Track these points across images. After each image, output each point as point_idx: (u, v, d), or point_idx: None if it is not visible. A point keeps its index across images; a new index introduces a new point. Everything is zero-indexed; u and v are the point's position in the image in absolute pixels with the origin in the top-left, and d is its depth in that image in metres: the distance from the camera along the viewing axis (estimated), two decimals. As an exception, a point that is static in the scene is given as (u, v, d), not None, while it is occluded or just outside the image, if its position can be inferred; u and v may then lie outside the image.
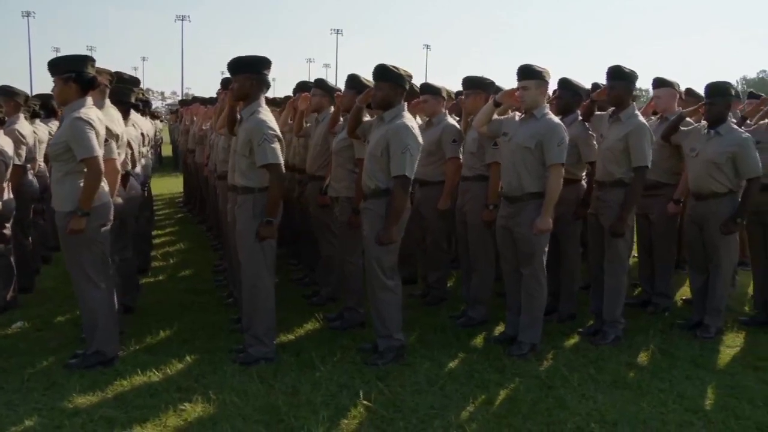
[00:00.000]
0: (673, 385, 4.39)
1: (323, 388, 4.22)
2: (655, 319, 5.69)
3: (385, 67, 4.53)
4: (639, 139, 4.86)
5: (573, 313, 5.56)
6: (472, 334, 5.19)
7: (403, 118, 4.47)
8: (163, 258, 7.53)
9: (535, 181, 4.64)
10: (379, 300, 4.58)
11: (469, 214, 5.36)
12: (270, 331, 4.63)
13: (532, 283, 4.76)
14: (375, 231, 4.49)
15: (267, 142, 4.33)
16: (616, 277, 5.07)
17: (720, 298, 5.30)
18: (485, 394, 4.19)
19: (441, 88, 5.77)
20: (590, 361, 4.75)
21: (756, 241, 5.62)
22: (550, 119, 4.63)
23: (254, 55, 4.52)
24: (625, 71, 4.96)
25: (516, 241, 4.75)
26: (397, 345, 4.64)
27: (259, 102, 4.48)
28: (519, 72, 4.68)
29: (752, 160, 5.08)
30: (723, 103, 5.16)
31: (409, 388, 4.24)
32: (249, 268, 4.53)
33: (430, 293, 5.98)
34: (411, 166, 4.38)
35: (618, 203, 4.95)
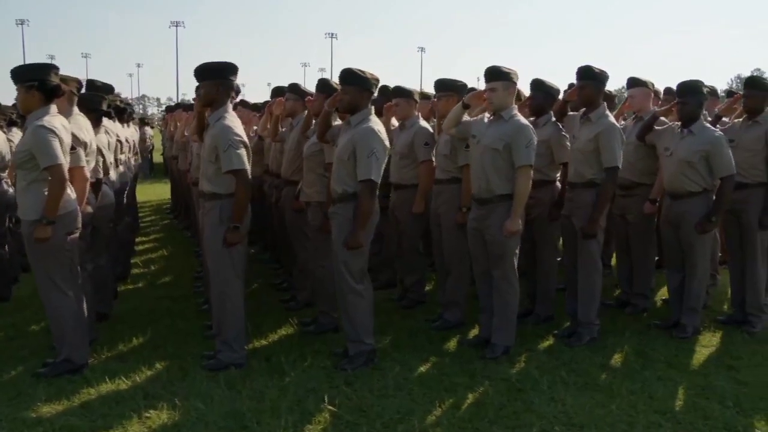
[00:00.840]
0: (645, 386, 4.36)
1: (290, 393, 4.20)
2: (633, 319, 5.67)
3: (351, 71, 4.52)
4: (609, 139, 4.85)
5: (550, 315, 5.54)
6: (446, 338, 5.17)
7: (369, 122, 4.46)
8: (144, 265, 7.53)
9: (505, 183, 4.62)
10: (349, 304, 4.57)
11: (443, 216, 5.35)
12: (240, 337, 4.61)
13: (504, 285, 4.74)
14: (343, 235, 4.48)
15: (232, 148, 4.32)
16: (589, 279, 5.05)
17: (696, 297, 5.27)
18: (453, 398, 4.17)
19: (413, 91, 5.77)
20: (563, 363, 4.72)
21: (732, 239, 5.59)
22: (518, 120, 4.61)
23: (220, 61, 4.52)
24: (594, 71, 4.95)
25: (486, 243, 4.73)
26: (368, 349, 4.62)
27: (226, 108, 4.48)
28: (486, 73, 4.66)
29: (725, 159, 5.06)
30: (695, 102, 5.13)
31: (376, 392, 4.22)
32: (217, 274, 4.52)
33: (407, 297, 5.97)
34: (377, 170, 4.37)
35: (590, 204, 4.94)
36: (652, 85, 5.82)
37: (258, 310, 5.82)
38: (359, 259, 4.53)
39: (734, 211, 5.46)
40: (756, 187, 5.35)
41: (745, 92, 5.43)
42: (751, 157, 5.34)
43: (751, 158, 5.34)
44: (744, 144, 5.38)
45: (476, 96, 4.84)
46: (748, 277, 5.44)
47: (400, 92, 5.74)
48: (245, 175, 4.37)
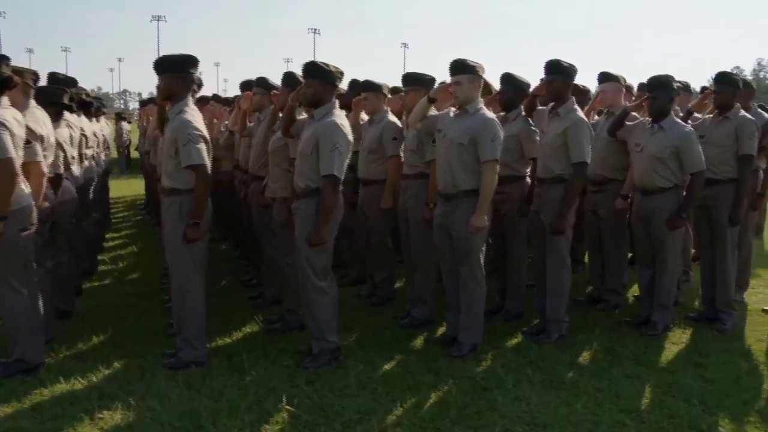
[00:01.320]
0: (612, 384, 4.31)
1: (250, 392, 4.11)
2: (604, 316, 5.63)
3: (314, 64, 4.44)
4: (577, 134, 4.78)
5: (520, 312, 5.48)
6: (413, 335, 5.10)
7: (333, 116, 4.37)
8: (112, 261, 7.39)
9: (470, 178, 4.55)
10: (312, 301, 4.48)
11: (410, 212, 5.27)
12: (201, 335, 4.52)
13: (470, 282, 4.67)
14: (306, 231, 4.39)
15: (192, 142, 4.22)
16: (558, 275, 4.99)
17: (667, 294, 5.23)
18: (416, 397, 4.09)
19: (382, 85, 5.68)
20: (530, 361, 4.66)
21: (703, 236, 5.55)
22: (484, 114, 4.54)
23: (181, 53, 4.42)
24: (563, 65, 4.88)
25: (452, 239, 4.66)
26: (331, 347, 4.54)
27: (186, 102, 4.37)
28: (452, 67, 4.58)
29: (695, 154, 5.01)
30: (665, 97, 5.07)
31: (338, 391, 4.14)
32: (177, 271, 4.43)
33: (375, 293, 5.89)
34: (340, 165, 4.28)
35: (558, 200, 4.88)
36: (623, 80, 5.75)
37: (225, 307, 5.73)
38: (322, 256, 4.44)
39: (705, 207, 5.43)
40: (726, 183, 5.31)
41: (714, 88, 5.39)
42: (721, 153, 5.30)
43: (722, 154, 5.30)
44: (714, 140, 5.33)
45: (442, 90, 4.77)
46: (718, 273, 5.40)
47: (369, 86, 5.65)
48: (205, 171, 4.28)
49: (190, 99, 4.42)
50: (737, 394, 4.22)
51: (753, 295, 6.37)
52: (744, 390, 4.28)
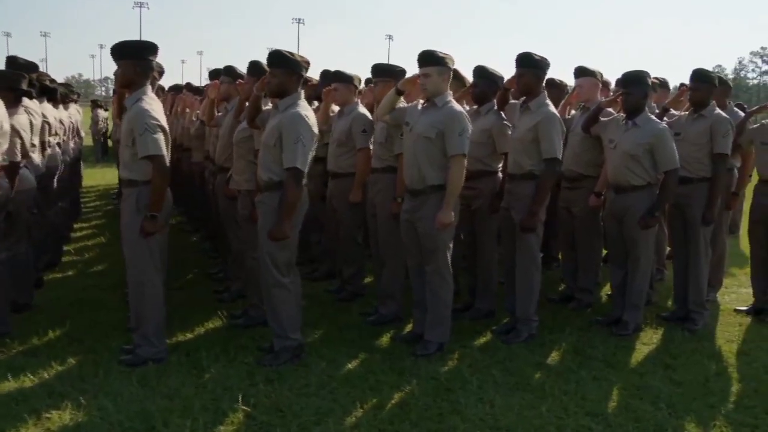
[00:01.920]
0: (579, 386, 4.22)
1: (207, 391, 3.99)
2: (576, 315, 5.54)
3: (279, 53, 4.30)
4: (548, 129, 4.68)
5: (491, 310, 5.38)
6: (379, 333, 4.99)
7: (297, 107, 4.23)
8: (78, 252, 7.21)
9: (437, 172, 4.43)
10: (274, 297, 4.36)
11: (378, 206, 5.15)
12: (159, 331, 4.39)
13: (436, 280, 4.56)
14: (269, 226, 4.26)
15: (148, 132, 4.08)
16: (527, 273, 4.89)
17: (638, 294, 5.15)
18: (377, 397, 3.99)
19: (353, 76, 5.54)
20: (497, 361, 4.56)
21: (677, 235, 5.48)
22: (452, 108, 4.41)
23: (139, 40, 4.27)
24: (534, 58, 4.77)
25: (419, 235, 4.55)
26: (294, 345, 4.42)
27: (144, 90, 4.23)
28: (420, 58, 4.46)
29: (669, 152, 4.92)
30: (639, 93, 4.98)
31: (297, 390, 4.03)
32: (134, 265, 4.29)
33: (345, 289, 5.77)
34: (303, 157, 4.15)
35: (528, 196, 4.77)
36: (600, 75, 5.66)
37: (189, 302, 5.62)
38: (285, 251, 4.31)
39: (678, 206, 5.35)
40: (700, 181, 5.23)
41: (690, 85, 5.29)
42: (695, 151, 5.22)
43: (696, 152, 5.22)
44: (689, 138, 5.25)
45: (410, 81, 4.64)
46: (691, 273, 5.33)
47: (340, 77, 5.52)
48: (162, 161, 4.13)
49: (149, 87, 4.27)
50: (705, 397, 4.15)
51: (726, 294, 6.31)
52: (712, 393, 4.21)
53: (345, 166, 5.47)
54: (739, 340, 5.16)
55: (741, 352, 4.92)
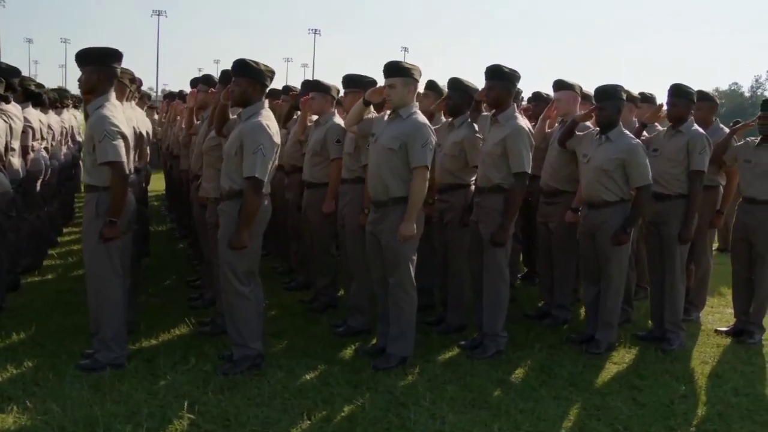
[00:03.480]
0: (537, 405, 4.14)
1: (158, 397, 3.98)
2: (551, 332, 5.45)
3: (242, 62, 4.30)
4: (516, 143, 4.62)
5: (462, 325, 5.31)
6: (345, 345, 4.94)
7: (260, 117, 4.23)
8: (61, 257, 7.24)
9: (401, 184, 4.39)
10: (233, 307, 4.34)
11: (347, 218, 5.12)
12: (119, 336, 4.39)
13: (399, 293, 4.51)
14: (228, 234, 4.26)
15: (108, 138, 4.10)
16: (494, 288, 4.82)
17: (611, 312, 5.05)
18: (327, 409, 3.95)
19: (331, 86, 5.54)
20: (459, 376, 4.49)
21: (653, 253, 5.38)
22: (416, 119, 4.38)
23: (103, 46, 4.30)
24: (504, 71, 4.72)
25: (382, 248, 4.51)
26: (253, 354, 4.40)
27: (107, 97, 4.25)
28: (385, 69, 4.44)
29: (641, 168, 4.84)
30: (613, 108, 4.91)
31: (249, 400, 4.01)
32: (93, 270, 4.31)
33: (318, 299, 5.74)
34: (263, 167, 4.14)
35: (496, 210, 4.72)
36: (579, 89, 5.59)
37: (162, 308, 5.63)
38: (244, 260, 4.30)
39: (655, 224, 5.26)
40: (677, 198, 5.13)
41: (668, 100, 5.20)
42: (672, 167, 5.13)
43: (673, 169, 5.13)
44: (666, 154, 5.17)
45: (377, 92, 4.62)
46: (667, 292, 5.22)
47: (317, 86, 5.51)
48: (121, 168, 4.15)
49: (113, 94, 4.29)
50: (665, 420, 4.05)
51: (710, 314, 6.19)
52: (674, 415, 4.11)
53: (319, 176, 5.46)
54: (714, 361, 5.03)
55: (714, 374, 4.80)
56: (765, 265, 5.32)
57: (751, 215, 5.35)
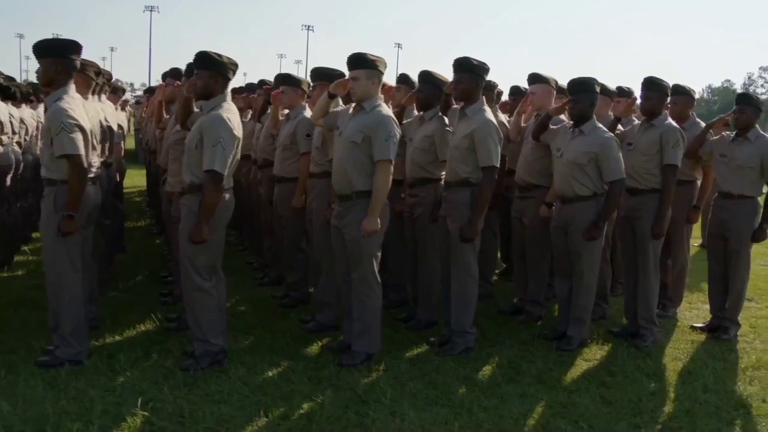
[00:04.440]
0: (501, 403, 4.07)
1: (115, 394, 3.92)
2: (523, 329, 5.38)
3: (204, 55, 4.23)
4: (484, 136, 4.54)
5: (433, 321, 5.24)
6: (311, 341, 4.88)
7: (220, 109, 4.16)
8: (34, 252, 7.16)
9: (364, 178, 4.32)
10: (193, 302, 4.28)
11: (314, 212, 5.06)
12: (78, 332, 4.32)
13: (363, 289, 4.44)
14: (188, 228, 4.19)
15: (65, 131, 4.03)
16: (462, 284, 4.75)
17: (583, 308, 4.98)
18: (285, 406, 3.88)
19: (301, 79, 5.47)
20: (424, 373, 4.42)
21: (627, 248, 5.30)
22: (379, 112, 4.30)
23: (62, 38, 4.23)
24: (472, 63, 4.63)
25: (345, 242, 4.44)
26: (215, 350, 4.33)
27: (66, 89, 4.18)
28: (349, 61, 4.36)
29: (614, 162, 4.77)
30: (586, 101, 4.84)
31: (207, 396, 3.94)
32: (52, 266, 4.24)
33: (289, 295, 5.68)
34: (222, 160, 4.07)
35: (464, 205, 4.64)
36: (555, 82, 5.51)
37: (131, 303, 5.57)
38: (205, 255, 4.23)
39: (628, 219, 5.20)
40: (650, 193, 5.06)
41: (641, 94, 5.13)
42: (645, 161, 5.06)
43: (646, 163, 5.06)
44: (640, 148, 5.10)
45: (341, 85, 4.54)
46: (640, 288, 5.15)
47: (287, 80, 5.44)
48: (79, 161, 4.08)
49: (72, 86, 4.22)
50: (631, 417, 3.98)
51: (689, 310, 6.12)
52: (641, 413, 4.05)
53: (290, 171, 5.39)
54: (687, 358, 4.96)
55: (685, 370, 4.73)
56: (739, 261, 5.25)
57: (725, 210, 5.28)
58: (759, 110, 5.25)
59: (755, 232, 5.22)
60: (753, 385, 4.53)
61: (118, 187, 6.72)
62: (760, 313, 6.14)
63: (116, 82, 7.80)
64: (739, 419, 4.06)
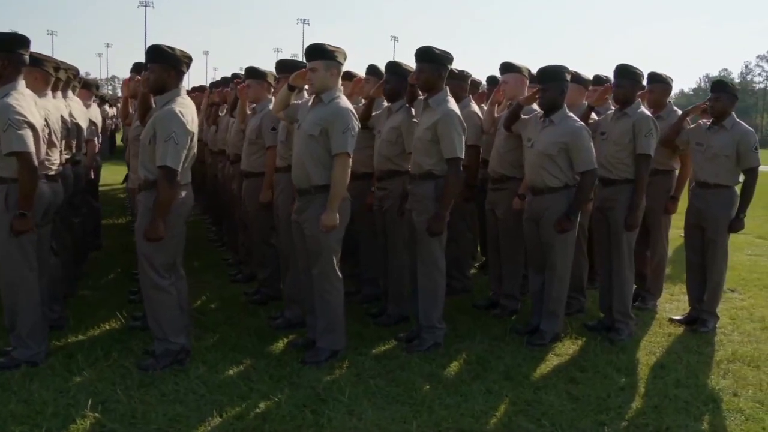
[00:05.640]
0: (465, 400, 3.98)
1: (69, 396, 3.84)
2: (496, 323, 5.29)
3: (156, 48, 4.14)
4: (447, 127, 4.43)
5: (404, 316, 5.15)
6: (278, 338, 4.80)
7: (174, 104, 4.06)
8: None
9: (323, 172, 4.22)
10: (152, 300, 4.20)
11: (280, 207, 4.96)
12: (35, 332, 4.25)
13: (323, 284, 4.35)
14: (144, 225, 4.11)
15: (13, 127, 3.93)
16: (429, 278, 4.66)
17: (555, 301, 4.88)
18: (241, 405, 3.80)
19: (267, 72, 5.37)
20: (389, 370, 4.34)
21: (601, 240, 5.19)
22: (337, 104, 4.20)
23: (8, 32, 4.15)
24: (434, 52, 4.52)
25: (305, 237, 4.35)
26: (176, 349, 4.25)
27: (14, 85, 4.08)
28: (307, 52, 4.26)
29: (585, 152, 4.65)
30: (556, 89, 4.72)
31: (163, 396, 3.87)
32: (5, 265, 4.15)
33: (260, 291, 5.60)
34: (175, 155, 3.97)
35: (428, 197, 4.54)
36: (527, 71, 5.40)
37: (100, 302, 5.49)
38: (162, 252, 4.15)
39: (602, 210, 5.09)
40: (623, 183, 4.95)
41: (614, 82, 5.01)
42: (618, 151, 4.95)
43: (618, 152, 4.95)
44: (612, 137, 4.99)
45: (299, 76, 4.44)
46: (614, 280, 5.05)
47: (252, 73, 5.35)
48: (28, 158, 3.99)
49: (21, 82, 4.13)
50: (597, 414, 3.88)
51: (669, 302, 6.02)
52: (607, 409, 3.94)
53: (256, 165, 5.31)
54: (662, 351, 4.86)
55: (658, 364, 4.63)
56: (717, 251, 5.14)
57: (702, 200, 5.17)
58: (735, 97, 5.12)
59: (732, 221, 5.11)
60: (726, 379, 4.43)
61: (92, 184, 6.63)
62: (741, 304, 6.03)
63: (96, 79, 7.69)
64: (707, 414, 3.95)
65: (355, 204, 5.37)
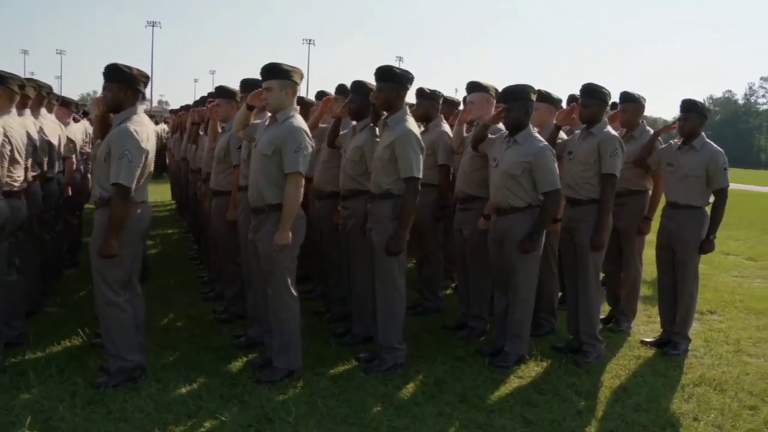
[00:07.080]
0: (414, 422, 3.92)
1: (12, 414, 3.82)
2: (461, 344, 5.22)
3: (114, 67, 4.17)
4: (404, 147, 4.41)
5: (368, 336, 5.10)
6: (237, 357, 4.76)
7: (129, 122, 4.09)
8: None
9: (276, 191, 4.21)
10: (106, 317, 4.20)
11: (242, 226, 4.95)
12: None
13: (278, 304, 4.32)
14: (98, 242, 4.12)
15: None
16: (388, 299, 4.61)
17: (519, 323, 4.81)
18: (187, 424, 3.77)
19: (236, 91, 5.39)
20: (342, 391, 4.29)
21: (568, 261, 5.13)
22: (291, 123, 4.19)
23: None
24: (394, 72, 4.52)
25: (260, 256, 4.33)
26: (130, 366, 4.24)
27: None
28: (262, 71, 4.27)
29: (549, 172, 4.60)
30: (521, 109, 4.69)
31: (109, 415, 3.84)
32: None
33: (228, 310, 5.58)
34: (128, 173, 3.98)
35: (386, 217, 4.51)
36: (494, 91, 5.37)
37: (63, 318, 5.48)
38: (116, 269, 4.15)
39: (568, 230, 5.03)
40: (588, 204, 4.90)
41: (580, 101, 4.97)
42: (584, 171, 4.90)
43: (584, 172, 4.90)
44: (578, 157, 4.94)
45: (256, 95, 4.44)
46: (581, 302, 4.98)
47: (221, 92, 5.38)
48: None
49: None
50: (548, 439, 3.81)
51: (645, 324, 5.93)
52: (559, 435, 3.87)
53: (224, 184, 5.32)
54: (628, 374, 4.77)
55: (621, 388, 4.54)
56: (687, 272, 5.06)
57: (673, 221, 5.10)
58: (704, 117, 5.06)
59: (702, 243, 5.04)
60: (689, 403, 4.33)
61: (71, 201, 6.67)
62: (718, 326, 5.92)
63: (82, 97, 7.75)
64: (663, 440, 3.88)
65: (323, 223, 5.42)
